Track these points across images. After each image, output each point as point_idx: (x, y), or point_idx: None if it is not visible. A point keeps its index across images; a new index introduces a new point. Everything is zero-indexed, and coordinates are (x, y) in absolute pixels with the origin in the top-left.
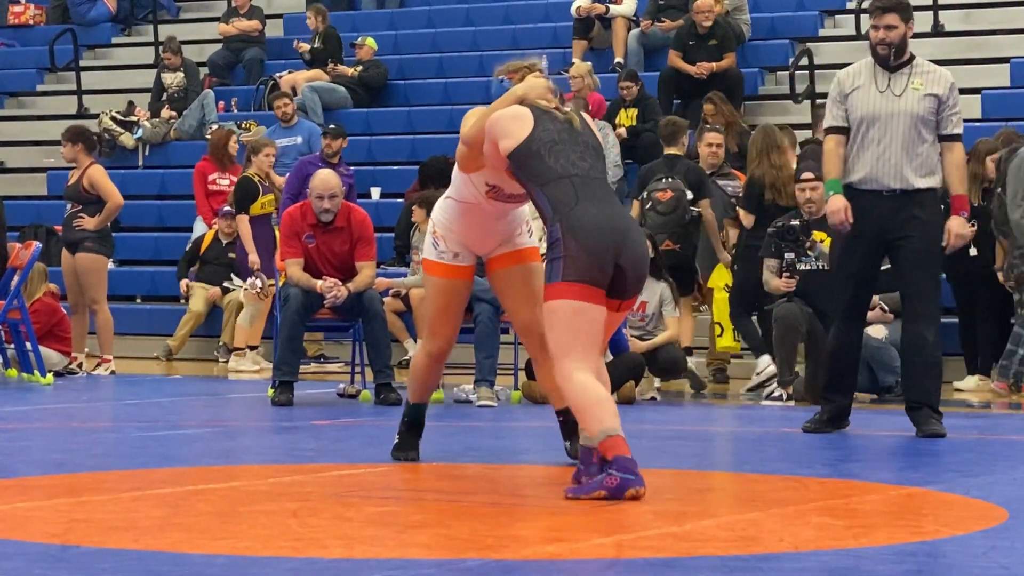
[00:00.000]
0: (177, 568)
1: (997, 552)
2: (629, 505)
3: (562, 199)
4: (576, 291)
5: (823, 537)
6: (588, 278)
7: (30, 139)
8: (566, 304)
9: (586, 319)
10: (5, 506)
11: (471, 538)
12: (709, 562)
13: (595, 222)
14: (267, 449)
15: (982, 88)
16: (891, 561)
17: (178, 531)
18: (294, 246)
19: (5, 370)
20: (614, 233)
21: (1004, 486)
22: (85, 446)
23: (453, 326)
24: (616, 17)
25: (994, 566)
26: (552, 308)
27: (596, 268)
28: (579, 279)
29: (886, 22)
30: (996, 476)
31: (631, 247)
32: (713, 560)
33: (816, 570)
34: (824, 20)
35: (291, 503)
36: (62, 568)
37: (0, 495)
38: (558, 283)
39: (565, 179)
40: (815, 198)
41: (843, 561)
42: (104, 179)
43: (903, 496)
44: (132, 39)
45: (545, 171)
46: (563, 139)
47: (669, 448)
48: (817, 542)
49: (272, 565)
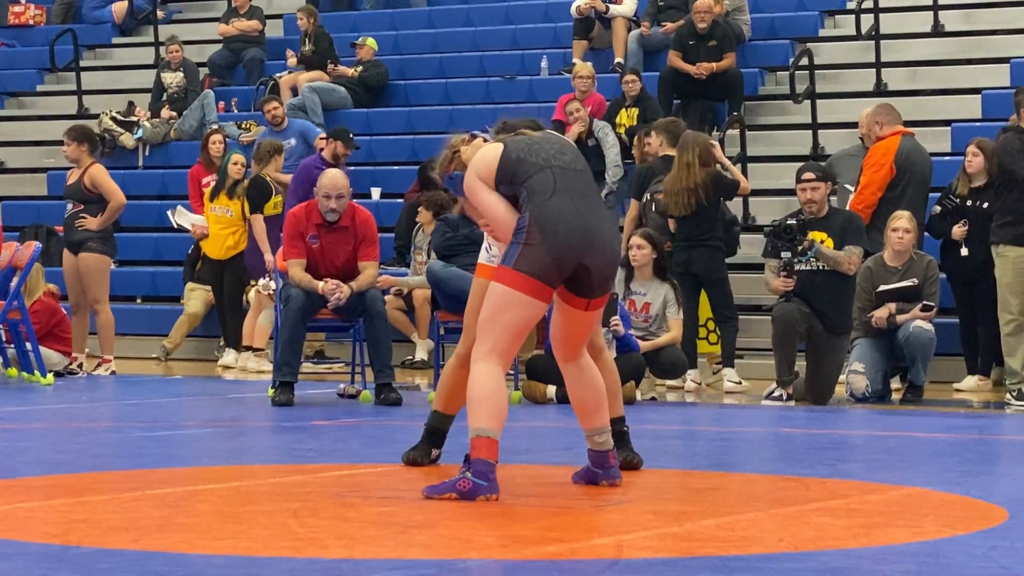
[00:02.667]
0: (177, 568)
1: (997, 552)
2: (629, 505)
3: (538, 189)
4: (522, 283)
5: (823, 537)
6: (541, 275)
7: (30, 139)
8: (508, 292)
9: (522, 315)
10: (5, 506)
11: (471, 538)
12: (709, 562)
13: (565, 219)
14: (267, 449)
15: (982, 88)
16: (891, 561)
17: (178, 531)
18: (297, 246)
19: (5, 370)
20: (582, 232)
21: (1004, 486)
22: (85, 446)
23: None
24: (616, 17)
25: (994, 566)
26: (494, 290)
27: (553, 267)
28: (530, 272)
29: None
30: (996, 476)
31: (599, 248)
32: (713, 560)
33: (816, 570)
34: (824, 20)
35: (291, 503)
36: (62, 568)
37: (1, 495)
38: (509, 269)
39: (547, 169)
40: (816, 198)
41: (843, 561)
42: (106, 178)
43: (903, 496)
44: (132, 39)
45: (528, 167)
46: (537, 140)
47: (670, 448)
48: (817, 542)
49: (272, 565)
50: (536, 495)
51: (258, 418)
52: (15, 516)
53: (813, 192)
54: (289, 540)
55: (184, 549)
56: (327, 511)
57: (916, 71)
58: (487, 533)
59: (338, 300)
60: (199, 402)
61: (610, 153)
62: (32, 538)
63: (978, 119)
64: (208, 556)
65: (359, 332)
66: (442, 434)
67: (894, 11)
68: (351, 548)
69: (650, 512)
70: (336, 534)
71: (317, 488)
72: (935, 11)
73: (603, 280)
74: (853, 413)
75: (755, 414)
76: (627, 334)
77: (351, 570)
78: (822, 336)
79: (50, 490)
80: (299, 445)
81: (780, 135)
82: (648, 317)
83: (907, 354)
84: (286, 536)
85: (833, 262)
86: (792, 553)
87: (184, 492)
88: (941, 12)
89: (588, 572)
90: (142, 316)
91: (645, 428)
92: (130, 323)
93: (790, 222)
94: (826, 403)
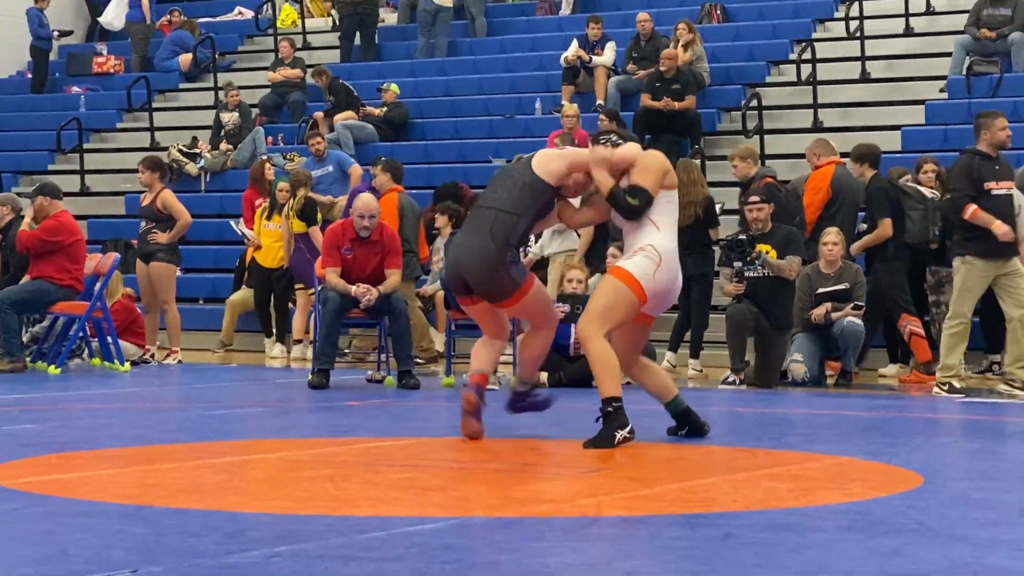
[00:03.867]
0: (233, 524)
1: (914, 511)
2: (608, 472)
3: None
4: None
5: (770, 498)
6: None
7: (111, 168)
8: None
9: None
10: (90, 472)
11: (477, 499)
12: (675, 519)
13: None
14: (308, 425)
15: (902, 125)
16: (827, 518)
17: (234, 494)
18: (334, 256)
19: (90, 360)
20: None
21: (920, 456)
22: (157, 423)
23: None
24: (598, 66)
25: (911, 522)
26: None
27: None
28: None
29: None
30: (912, 448)
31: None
32: (678, 517)
33: (764, 525)
34: (771, 69)
35: (328, 470)
36: (137, 524)
37: (86, 463)
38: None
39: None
40: (761, 216)
41: (787, 518)
42: (175, 201)
43: (836, 464)
44: (196, 85)
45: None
46: (499, 175)
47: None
48: (765, 502)
49: (312, 521)
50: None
51: (300, 399)
52: (98, 481)
53: (758, 212)
54: (326, 500)
55: (239, 508)
56: (358, 477)
57: (847, 111)
58: (489, 495)
59: (368, 301)
60: (251, 386)
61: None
62: (112, 499)
63: (899, 151)
64: (259, 514)
65: (384, 328)
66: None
67: (829, 61)
68: (378, 507)
69: (625, 478)
70: (365, 496)
71: (350, 458)
72: (862, 61)
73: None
74: (794, 395)
75: (713, 396)
76: None
77: (378, 525)
78: (768, 331)
79: (127, 459)
80: (334, 422)
81: None
82: None
83: (840, 345)
84: (323, 497)
85: (777, 269)
86: (744, 512)
87: (239, 461)
88: (868, 62)
89: (573, 527)
90: (203, 315)
91: None
92: (193, 320)
93: (741, 237)
94: (772, 387)
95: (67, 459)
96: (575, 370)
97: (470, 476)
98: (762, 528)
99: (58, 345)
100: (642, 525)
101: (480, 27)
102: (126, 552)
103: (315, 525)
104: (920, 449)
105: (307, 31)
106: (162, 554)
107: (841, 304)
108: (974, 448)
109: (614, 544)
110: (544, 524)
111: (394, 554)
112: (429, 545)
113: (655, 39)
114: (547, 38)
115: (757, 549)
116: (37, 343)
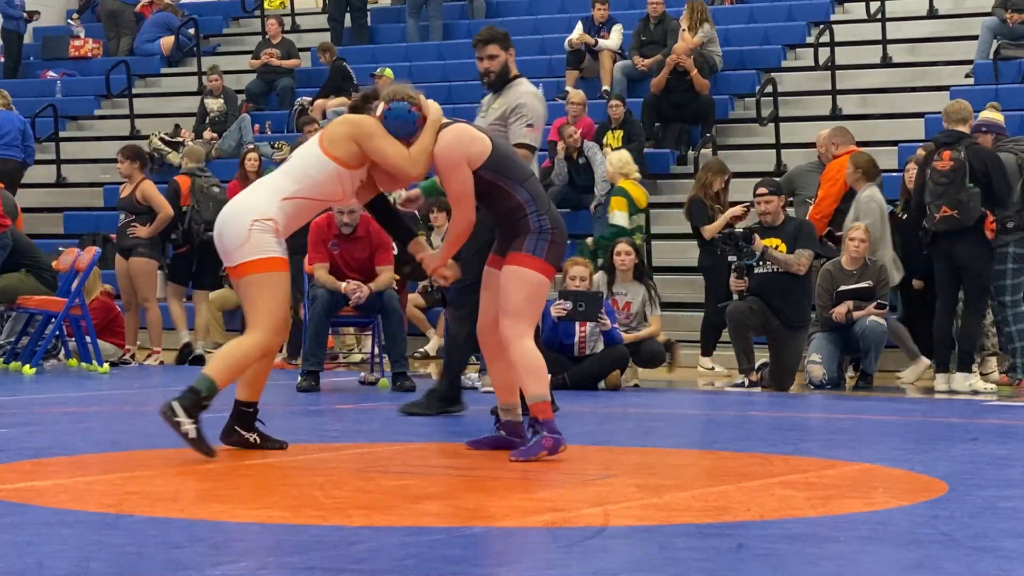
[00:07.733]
0: (217, 534)
1: (938, 520)
2: (615, 479)
3: (541, 194)
4: (550, 272)
5: (785, 507)
6: (558, 265)
7: (89, 158)
8: (540, 279)
9: (544, 295)
10: (67, 479)
11: (477, 508)
12: (685, 529)
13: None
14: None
15: (925, 112)
16: (846, 528)
17: (219, 502)
18: (321, 252)
19: (67, 360)
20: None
21: (944, 462)
22: (137, 427)
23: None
24: (603, 50)
25: (936, 532)
26: (527, 277)
27: (562, 258)
28: (555, 264)
29: (488, 52)
30: (937, 454)
31: None
32: (688, 527)
33: (779, 536)
34: (787, 53)
35: (318, 477)
36: (116, 534)
37: (63, 470)
38: (541, 260)
39: (533, 177)
40: (770, 209)
41: (804, 528)
42: (155, 192)
43: (856, 471)
44: (178, 70)
45: (519, 170)
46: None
47: (651, 429)
48: (780, 511)
49: (301, 532)
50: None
51: (288, 403)
52: (75, 488)
53: (767, 204)
54: (316, 509)
55: (224, 517)
56: (349, 484)
57: (867, 98)
58: (490, 503)
59: (359, 299)
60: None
61: (598, 170)
62: (90, 507)
63: (922, 139)
64: (245, 524)
65: (378, 328)
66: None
67: (848, 45)
68: (370, 517)
69: (633, 485)
70: (357, 504)
71: (341, 464)
72: (884, 45)
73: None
74: (811, 398)
75: (725, 399)
76: (613, 328)
77: (371, 536)
78: (779, 330)
79: (106, 465)
80: (325, 426)
81: (747, 154)
82: (629, 315)
83: (862, 346)
84: (313, 506)
85: (783, 264)
86: (758, 521)
87: (224, 467)
88: (889, 46)
89: (579, 538)
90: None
91: (629, 412)
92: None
93: (735, 230)
94: (787, 389)
95: (42, 465)
96: (580, 371)
97: (468, 484)
98: (777, 539)
99: (33, 344)
100: (651, 535)
101: (478, 8)
102: (105, 564)
103: (305, 536)
104: (944, 455)
105: (296, 12)
106: (143, 566)
107: (864, 303)
108: (1002, 454)
109: (622, 556)
110: (548, 534)
111: (388, 566)
112: (425, 557)
113: (665, 21)
114: (550, 20)
115: (772, 561)
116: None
